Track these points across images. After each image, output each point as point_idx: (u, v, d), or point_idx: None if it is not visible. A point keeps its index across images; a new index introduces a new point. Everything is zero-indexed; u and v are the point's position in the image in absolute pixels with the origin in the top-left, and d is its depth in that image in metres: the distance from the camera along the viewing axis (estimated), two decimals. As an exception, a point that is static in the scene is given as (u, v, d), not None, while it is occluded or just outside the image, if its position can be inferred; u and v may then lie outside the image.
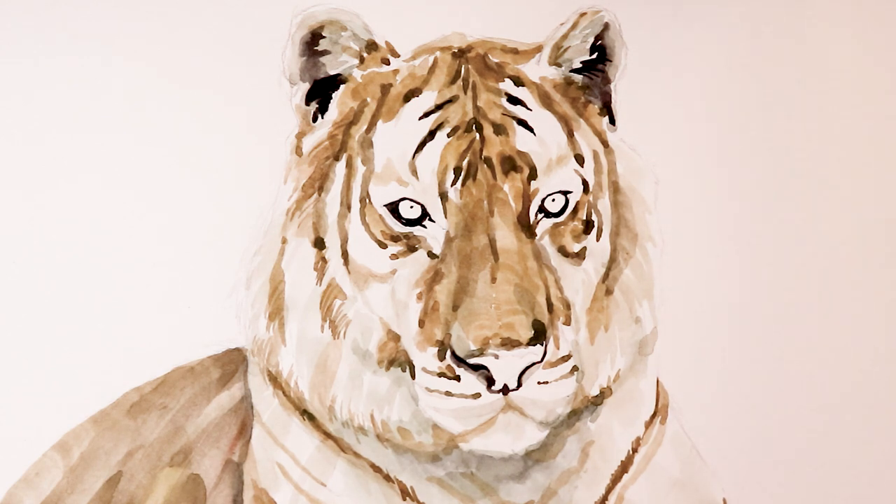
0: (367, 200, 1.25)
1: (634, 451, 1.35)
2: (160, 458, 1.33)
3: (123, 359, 1.36)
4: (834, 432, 1.49)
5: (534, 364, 1.17)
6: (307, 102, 1.30)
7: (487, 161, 1.23)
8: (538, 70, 1.30)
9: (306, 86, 1.29)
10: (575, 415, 1.29)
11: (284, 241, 1.29)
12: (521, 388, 1.17)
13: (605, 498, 1.33)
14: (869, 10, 1.57)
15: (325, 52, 1.29)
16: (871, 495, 1.49)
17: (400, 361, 1.24)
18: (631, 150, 1.35)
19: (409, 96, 1.27)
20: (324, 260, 1.27)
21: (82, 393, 1.35)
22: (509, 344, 1.15)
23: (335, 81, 1.30)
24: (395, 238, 1.24)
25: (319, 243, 1.27)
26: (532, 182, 1.23)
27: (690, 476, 1.39)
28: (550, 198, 1.24)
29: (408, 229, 1.23)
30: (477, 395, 1.17)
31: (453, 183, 1.22)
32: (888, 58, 1.57)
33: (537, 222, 1.24)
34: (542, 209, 1.24)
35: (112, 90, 1.39)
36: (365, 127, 1.27)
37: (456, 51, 1.31)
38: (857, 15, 1.57)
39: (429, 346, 1.19)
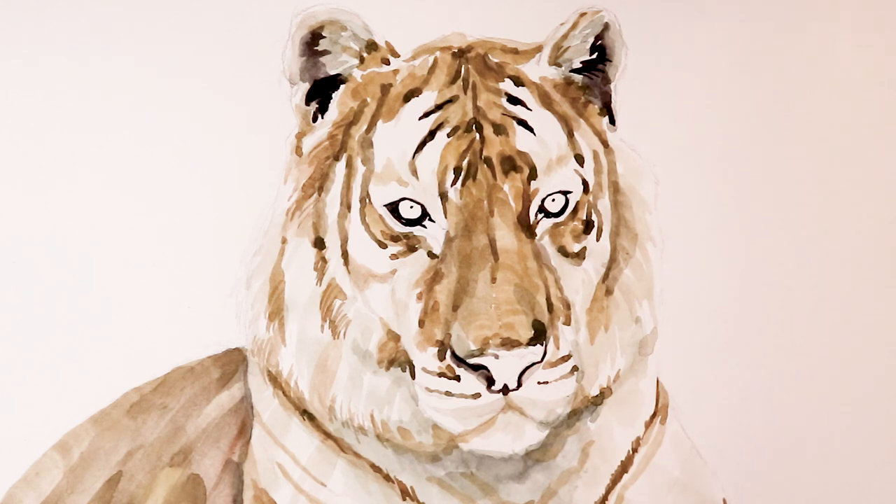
0: (367, 200, 1.25)
1: (634, 451, 1.35)
2: (160, 458, 1.33)
3: (123, 359, 1.36)
4: (834, 432, 1.49)
5: (534, 364, 1.17)
6: (307, 102, 1.30)
7: (487, 161, 1.23)
8: (538, 70, 1.30)
9: (306, 86, 1.29)
10: (575, 415, 1.29)
11: (284, 241, 1.29)
12: (521, 388, 1.17)
13: (605, 498, 1.33)
14: (869, 8, 1.57)
15: (325, 52, 1.29)
16: (872, 495, 1.49)
17: (400, 361, 1.24)
18: (631, 150, 1.35)
19: (409, 96, 1.27)
20: (324, 260, 1.27)
21: (82, 393, 1.35)
22: (509, 344, 1.15)
23: (335, 81, 1.30)
24: (395, 238, 1.24)
25: (319, 243, 1.27)
26: (532, 182, 1.23)
27: (690, 476, 1.39)
28: (550, 198, 1.24)
29: (408, 229, 1.23)
30: (477, 395, 1.17)
31: (453, 183, 1.22)
32: (889, 56, 1.57)
33: (537, 222, 1.24)
34: (542, 209, 1.24)
35: (112, 90, 1.39)
36: (365, 127, 1.27)
37: (456, 51, 1.30)
38: (858, 14, 1.57)
39: (429, 346, 1.19)
